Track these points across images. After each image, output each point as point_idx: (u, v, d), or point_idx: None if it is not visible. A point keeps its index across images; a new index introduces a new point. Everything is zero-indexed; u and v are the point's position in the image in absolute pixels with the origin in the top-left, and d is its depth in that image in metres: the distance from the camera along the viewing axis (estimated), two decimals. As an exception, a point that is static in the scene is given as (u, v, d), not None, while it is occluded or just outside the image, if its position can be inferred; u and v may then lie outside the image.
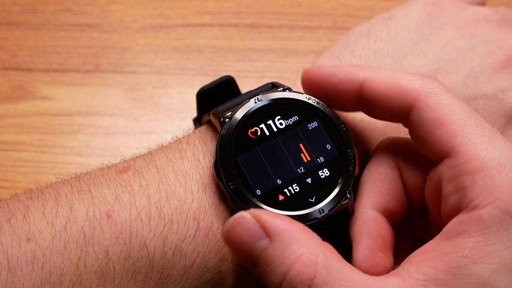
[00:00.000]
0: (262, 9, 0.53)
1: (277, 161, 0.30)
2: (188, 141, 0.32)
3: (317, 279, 0.25)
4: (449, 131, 0.27)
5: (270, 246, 0.26)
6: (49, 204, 0.29)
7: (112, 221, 0.28)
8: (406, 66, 0.36)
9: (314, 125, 0.31)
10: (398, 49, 0.37)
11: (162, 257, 0.29)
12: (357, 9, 0.53)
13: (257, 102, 0.31)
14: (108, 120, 0.48)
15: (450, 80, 0.35)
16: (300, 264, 0.25)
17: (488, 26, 0.37)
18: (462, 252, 0.25)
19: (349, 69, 0.30)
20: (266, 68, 0.50)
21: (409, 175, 0.31)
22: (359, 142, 0.34)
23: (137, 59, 0.50)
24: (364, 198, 0.31)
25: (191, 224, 0.29)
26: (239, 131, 0.30)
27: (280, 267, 0.25)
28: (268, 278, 0.26)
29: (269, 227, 0.26)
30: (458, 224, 0.26)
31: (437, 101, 0.28)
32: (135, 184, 0.30)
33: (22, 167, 0.45)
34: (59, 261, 0.27)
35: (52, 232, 0.28)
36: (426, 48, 0.36)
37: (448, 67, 0.35)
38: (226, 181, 0.29)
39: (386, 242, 0.30)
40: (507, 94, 0.34)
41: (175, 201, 0.30)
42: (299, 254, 0.25)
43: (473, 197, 0.26)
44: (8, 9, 0.52)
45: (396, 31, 0.38)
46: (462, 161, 0.27)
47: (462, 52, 0.36)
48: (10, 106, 0.48)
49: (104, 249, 0.28)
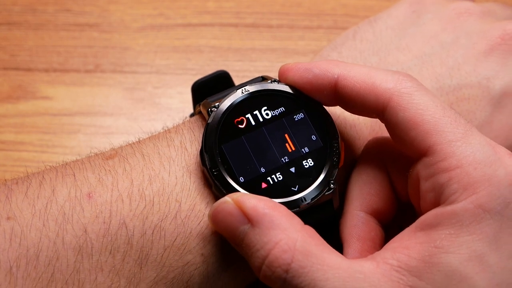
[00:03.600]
0: (262, 9, 0.53)
1: (262, 150, 0.30)
2: (176, 130, 0.33)
3: (294, 263, 0.26)
4: (423, 131, 0.28)
5: (251, 231, 0.27)
6: (32, 186, 0.29)
7: (93, 201, 0.29)
8: (392, 62, 0.36)
9: (300, 117, 0.31)
10: (383, 47, 0.37)
11: (141, 236, 0.29)
12: (357, 9, 0.53)
13: (244, 93, 0.31)
14: (108, 120, 0.48)
15: (435, 72, 0.35)
16: (278, 249, 0.26)
17: (470, 19, 0.38)
18: (434, 243, 0.26)
19: (324, 65, 0.30)
20: (266, 68, 0.50)
21: (397, 174, 0.31)
22: (348, 138, 0.34)
23: (137, 59, 0.50)
24: (354, 200, 0.31)
25: (173, 206, 0.30)
26: (225, 120, 0.31)
27: (260, 251, 0.26)
28: (250, 261, 0.27)
29: (249, 213, 0.27)
30: (434, 216, 0.27)
31: (410, 101, 0.28)
32: (119, 169, 0.30)
33: (22, 167, 0.45)
34: (36, 238, 0.28)
35: (32, 211, 0.28)
36: (411, 43, 0.37)
37: (432, 60, 0.36)
38: (210, 167, 0.30)
39: (376, 244, 0.30)
40: (491, 82, 0.35)
41: (158, 184, 0.30)
42: (277, 240, 0.26)
43: (450, 194, 0.26)
44: (8, 9, 0.53)
45: (381, 31, 0.38)
46: (438, 160, 0.27)
47: (446, 45, 0.36)
48: (10, 106, 0.48)
49: (83, 227, 0.28)
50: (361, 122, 0.34)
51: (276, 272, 0.26)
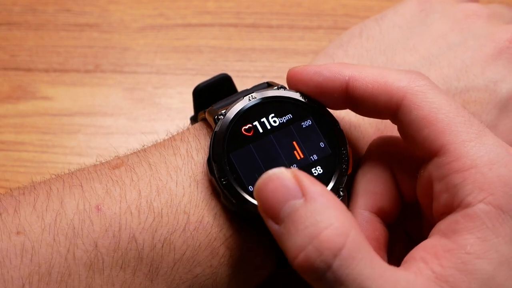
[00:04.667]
0: (262, 9, 0.53)
1: (270, 158, 0.30)
2: (182, 138, 0.32)
3: (345, 250, 0.24)
4: (437, 130, 0.27)
5: (303, 207, 0.25)
6: (40, 198, 0.29)
7: (102, 214, 0.29)
8: (399, 62, 0.36)
9: (308, 123, 0.31)
10: (390, 46, 0.37)
11: (151, 250, 0.29)
12: (357, 9, 0.53)
13: (251, 100, 0.31)
14: (108, 120, 0.48)
15: (443, 74, 0.35)
16: (332, 231, 0.24)
17: (478, 21, 0.37)
18: (464, 249, 0.25)
19: (335, 67, 0.30)
20: (266, 68, 0.50)
21: (402, 173, 0.31)
22: (352, 138, 0.34)
23: (137, 59, 0.50)
24: (358, 199, 0.31)
25: (181, 218, 0.29)
26: (232, 128, 0.30)
27: (310, 229, 0.24)
28: (291, 239, 0.25)
29: (307, 189, 0.25)
30: (454, 222, 0.26)
31: (424, 99, 0.28)
32: (126, 179, 0.30)
33: (22, 167, 0.45)
34: (48, 253, 0.27)
35: (41, 225, 0.28)
36: (418, 43, 0.37)
37: (440, 62, 0.36)
38: (219, 176, 0.29)
39: (380, 243, 0.30)
40: (499, 85, 0.35)
41: (165, 195, 0.30)
42: (332, 222, 0.24)
43: (465, 195, 0.26)
44: (8, 9, 0.53)
45: (388, 29, 0.38)
46: (451, 160, 0.26)
47: (453, 47, 0.36)
48: (10, 106, 0.48)
49: (93, 242, 0.28)
50: (366, 122, 0.34)
51: (324, 255, 0.24)
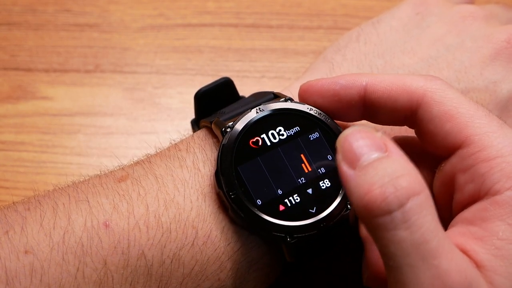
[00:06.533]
0: (262, 9, 0.53)
1: (278, 171, 0.30)
2: (187, 149, 0.32)
3: (420, 197, 0.24)
4: (460, 123, 0.28)
5: (386, 158, 0.25)
6: (47, 215, 0.28)
7: (110, 230, 0.28)
8: (397, 65, 0.36)
9: (316, 136, 0.31)
10: (388, 50, 0.37)
11: (160, 266, 0.29)
12: (357, 9, 0.53)
13: (259, 112, 0.31)
14: (108, 120, 0.48)
15: (442, 75, 0.35)
16: (411, 177, 0.24)
17: (475, 22, 0.38)
18: (496, 235, 0.26)
19: (350, 75, 0.30)
20: (266, 68, 0.50)
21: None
22: None
23: (137, 59, 0.50)
24: None
25: (190, 233, 0.29)
26: (240, 141, 0.30)
27: (389, 171, 0.24)
28: (366, 179, 0.24)
29: (390, 148, 0.25)
30: (482, 210, 0.26)
31: (444, 96, 0.28)
32: (133, 193, 0.30)
33: (22, 167, 0.45)
34: (57, 273, 0.27)
35: (50, 244, 0.28)
36: (416, 46, 0.37)
37: (438, 64, 0.36)
38: (227, 190, 0.29)
39: None
40: (498, 86, 0.35)
41: (173, 209, 0.30)
42: (412, 172, 0.24)
43: (493, 183, 0.26)
44: (8, 9, 0.52)
45: (385, 32, 0.38)
46: (476, 150, 0.27)
47: (451, 49, 0.36)
48: (10, 106, 0.48)
49: (102, 259, 0.28)
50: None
51: (399, 192, 0.23)
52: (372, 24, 0.39)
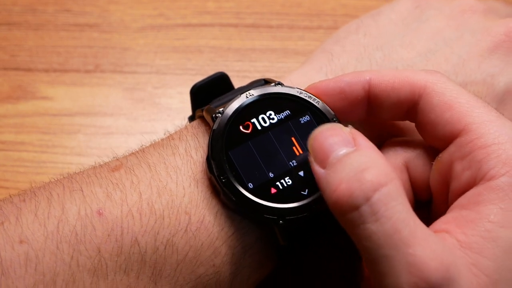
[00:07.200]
0: (262, 9, 0.53)
1: (270, 154, 0.30)
2: (180, 137, 0.32)
3: (387, 188, 0.25)
4: (459, 112, 0.28)
5: (354, 152, 0.26)
6: (41, 205, 0.29)
7: (104, 218, 0.29)
8: (396, 59, 0.36)
9: (306, 119, 0.31)
10: (387, 43, 0.37)
11: (154, 252, 0.29)
12: (357, 9, 0.53)
13: (249, 97, 0.31)
14: (108, 120, 0.48)
15: (441, 69, 0.35)
16: (377, 170, 0.25)
17: (474, 16, 0.38)
18: (487, 218, 0.26)
19: (353, 73, 0.31)
20: (266, 68, 0.50)
21: (417, 173, 0.31)
22: None
23: (137, 59, 0.50)
24: None
25: (183, 218, 0.30)
26: (231, 126, 0.30)
27: (355, 166, 0.25)
28: (335, 176, 0.25)
29: (359, 142, 0.26)
30: (477, 194, 0.27)
31: (444, 87, 0.29)
32: (126, 182, 0.30)
33: (22, 167, 0.45)
34: (52, 262, 0.27)
35: (44, 233, 0.28)
36: (415, 40, 0.37)
37: (437, 57, 0.36)
38: (218, 175, 0.29)
39: None
40: (496, 79, 0.35)
41: (166, 196, 0.30)
42: (380, 164, 0.25)
43: (489, 169, 0.27)
44: (8, 9, 0.53)
45: (384, 25, 0.38)
46: (474, 137, 0.28)
47: (449, 42, 0.37)
48: (10, 106, 0.48)
49: (96, 247, 0.28)
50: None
51: (364, 186, 0.24)
52: (372, 16, 0.39)
